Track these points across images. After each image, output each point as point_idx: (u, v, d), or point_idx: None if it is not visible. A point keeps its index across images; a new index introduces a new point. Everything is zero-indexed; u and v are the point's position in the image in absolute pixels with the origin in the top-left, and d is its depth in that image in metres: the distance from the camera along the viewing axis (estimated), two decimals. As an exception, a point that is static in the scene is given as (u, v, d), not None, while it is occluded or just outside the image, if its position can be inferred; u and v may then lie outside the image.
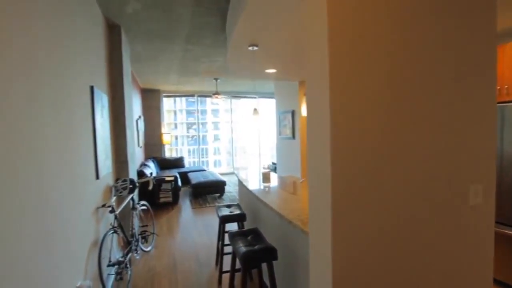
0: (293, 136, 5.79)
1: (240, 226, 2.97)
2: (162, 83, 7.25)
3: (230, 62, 3.83)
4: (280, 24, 2.53)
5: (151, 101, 8.04)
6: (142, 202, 3.53)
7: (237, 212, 2.88)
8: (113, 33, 3.40)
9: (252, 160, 16.68)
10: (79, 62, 2.19)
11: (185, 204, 5.77)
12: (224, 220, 2.77)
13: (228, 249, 2.97)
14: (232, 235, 2.25)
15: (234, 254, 2.26)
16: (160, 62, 5.08)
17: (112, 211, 2.60)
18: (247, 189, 2.54)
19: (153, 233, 3.61)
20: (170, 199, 5.41)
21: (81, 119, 2.17)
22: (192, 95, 9.00)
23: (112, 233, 2.59)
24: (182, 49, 4.36)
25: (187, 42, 4.02)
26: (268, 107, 10.70)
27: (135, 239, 3.04)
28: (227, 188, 6.68)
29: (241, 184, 3.67)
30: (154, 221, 3.88)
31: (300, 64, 4.10)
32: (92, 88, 2.47)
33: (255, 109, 3.45)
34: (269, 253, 1.90)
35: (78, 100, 2.12)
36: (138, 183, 3.32)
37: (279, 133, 6.44)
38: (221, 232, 2.81)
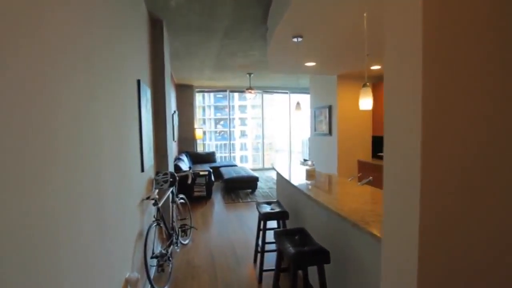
0: (330, 132, 5.57)
1: (280, 224, 2.88)
2: (196, 79, 7.33)
3: (271, 55, 3.72)
4: (327, 14, 2.38)
5: (185, 96, 8.17)
6: (181, 196, 3.56)
7: (279, 209, 2.79)
8: (155, 27, 3.43)
9: (281, 156, 16.52)
10: (129, 56, 2.20)
11: (218, 199, 5.79)
12: (265, 217, 2.69)
13: (268, 247, 2.89)
14: (278, 234, 2.16)
15: (279, 254, 2.17)
16: (196, 57, 5.10)
17: (156, 203, 2.62)
18: (294, 186, 2.44)
19: (192, 227, 3.63)
20: (204, 193, 5.46)
21: (130, 113, 2.18)
22: (224, 90, 9.03)
23: (156, 225, 2.61)
24: (219, 44, 4.32)
25: (225, 36, 3.97)
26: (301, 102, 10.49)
27: (176, 232, 3.06)
28: (258, 184, 6.63)
29: (281, 180, 3.57)
30: (192, 215, 3.90)
31: (341, 57, 3.90)
32: (139, 82, 2.49)
33: (298, 103, 3.32)
34: (321, 255, 1.79)
35: (128, 94, 2.13)
36: (178, 176, 3.34)
37: (314, 129, 6.25)
38: (263, 229, 2.74)
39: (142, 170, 2.53)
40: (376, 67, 4.59)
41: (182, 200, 3.55)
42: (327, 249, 1.80)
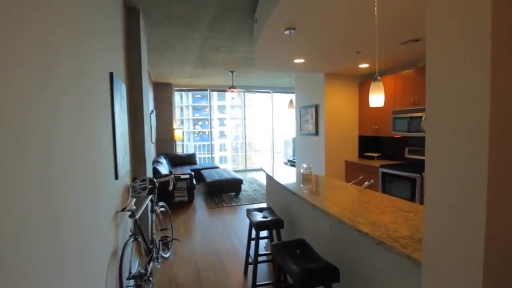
0: (317, 132, 5.42)
1: (273, 233, 2.64)
2: (175, 76, 6.92)
3: (259, 49, 3.47)
4: (321, 4, 2.18)
5: (163, 95, 7.72)
6: (161, 204, 3.21)
7: (272, 217, 2.54)
8: (131, 17, 3.06)
9: (262, 156, 16.34)
10: (98, 43, 1.86)
11: (200, 204, 5.45)
12: (258, 227, 2.43)
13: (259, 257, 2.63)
14: (277, 248, 1.91)
15: (279, 269, 1.92)
16: (177, 52, 4.73)
17: (132, 215, 2.28)
18: (292, 193, 2.19)
19: (175, 239, 3.29)
20: (185, 198, 5.10)
21: (100, 110, 1.84)
22: (205, 89, 8.66)
23: (133, 240, 2.27)
24: (202, 37, 4.01)
25: (209, 28, 3.67)
26: (283, 102, 10.33)
27: (156, 246, 2.72)
28: (242, 186, 6.35)
29: (272, 184, 3.32)
30: (173, 224, 3.56)
31: (331, 54, 3.73)
32: (111, 75, 2.14)
33: (291, 101, 3.09)
34: (330, 273, 1.56)
35: (98, 88, 1.79)
36: (158, 182, 2.99)
37: (300, 128, 6.07)
38: (256, 239, 2.47)
39: (116, 178, 2.19)
40: (364, 65, 4.48)
41: (162, 209, 3.20)
42: (335, 266, 1.58)
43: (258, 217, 2.61)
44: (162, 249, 2.97)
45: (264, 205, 5.21)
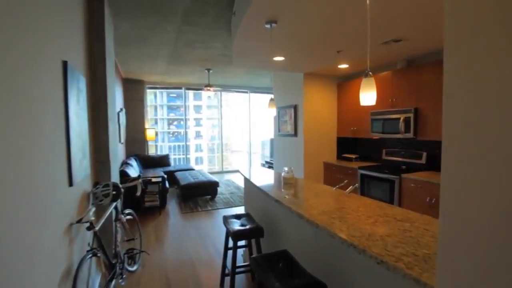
0: (295, 133, 5.30)
1: (252, 242, 2.44)
2: (148, 73, 6.51)
3: (238, 45, 3.25)
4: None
5: (134, 92, 7.26)
6: (128, 211, 2.89)
7: (251, 225, 2.33)
8: (93, 1, 2.73)
9: (239, 157, 16.13)
10: (47, 24, 1.55)
11: (174, 208, 5.13)
12: (236, 236, 2.22)
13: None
14: (258, 262, 1.70)
15: (260, 286, 1.72)
16: (148, 46, 4.39)
17: (91, 227, 1.97)
18: (274, 200, 2.00)
19: (142, 251, 2.97)
20: (157, 203, 4.75)
21: (46, 104, 1.53)
22: (179, 88, 8.28)
23: (91, 257, 1.96)
24: (176, 30, 3.72)
25: (183, 20, 3.40)
26: (261, 102, 10.19)
27: (119, 260, 2.42)
28: (218, 189, 6.09)
29: (251, 188, 3.12)
30: (142, 233, 3.24)
31: (312, 52, 3.60)
32: (65, 64, 1.83)
33: (271, 99, 2.89)
34: (318, 293, 1.39)
35: (43, 77, 1.49)
36: (124, 188, 2.68)
37: (278, 129, 5.93)
38: (233, 250, 2.25)
39: (71, 184, 1.87)
40: (343, 66, 4.41)
41: (129, 216, 2.89)
42: (323, 282, 1.40)
43: (236, 225, 2.39)
44: (127, 263, 2.66)
45: (241, 209, 4.99)
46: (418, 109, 3.73)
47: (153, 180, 4.73)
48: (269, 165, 8.13)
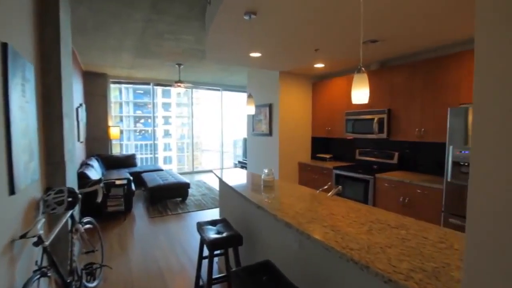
0: (270, 133, 5.17)
1: (228, 251, 2.25)
2: (111, 66, 6.00)
3: (213, 37, 3.03)
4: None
5: (96, 87, 6.67)
6: (86, 219, 2.55)
7: (229, 232, 2.14)
8: (44, -23, 2.36)
9: (210, 157, 15.76)
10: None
11: (140, 213, 4.75)
12: (214, 246, 2.01)
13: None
14: (239, 276, 1.52)
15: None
16: (112, 35, 4.00)
17: (39, 242, 1.66)
18: (257, 206, 1.83)
19: (103, 266, 2.64)
20: (121, 207, 4.36)
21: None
22: (147, 83, 7.79)
23: (39, 277, 1.65)
24: (143, 19, 3.40)
25: (152, 8, 3.10)
26: (233, 100, 9.98)
27: (76, 278, 2.10)
28: (189, 191, 5.80)
29: (226, 191, 2.91)
30: (103, 243, 2.90)
31: (290, 50, 3.48)
32: (4, 46, 1.50)
33: (249, 95, 2.70)
34: (310, 312, 1.24)
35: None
36: (81, 193, 2.34)
37: (252, 128, 5.77)
38: (209, 260, 2.04)
39: (12, 192, 1.55)
40: (319, 65, 4.37)
41: (88, 225, 2.55)
42: (314, 298, 1.26)
43: (211, 232, 2.18)
44: (86, 279, 2.33)
45: (215, 211, 4.77)
46: (391, 110, 3.78)
47: (117, 182, 4.33)
48: (242, 165, 7.96)
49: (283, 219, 1.46)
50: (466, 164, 2.75)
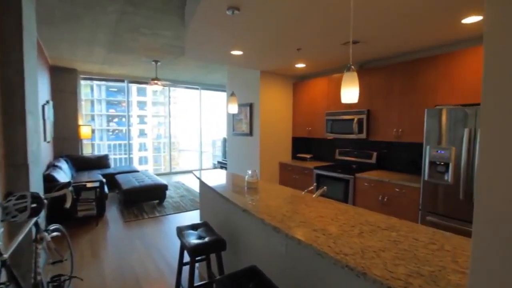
0: (251, 133, 5.10)
1: (211, 257, 2.15)
2: (82, 61, 5.64)
3: (193, 32, 2.90)
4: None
5: (65, 83, 6.25)
6: (53, 227, 2.34)
7: (211, 237, 2.04)
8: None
9: (188, 157, 15.44)
10: None
11: (115, 217, 4.50)
12: (195, 252, 1.90)
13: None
14: (224, 284, 1.43)
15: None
16: (83, 27, 3.73)
17: (-3, 255, 1.47)
18: (242, 209, 1.74)
19: (73, 277, 2.43)
20: (93, 212, 4.09)
21: None
22: (122, 80, 7.43)
23: (-4, 295, 1.46)
24: (117, 11, 3.20)
25: (127, 0, 2.92)
26: (212, 100, 9.81)
27: (41, 291, 1.90)
28: (167, 192, 5.59)
29: (208, 193, 2.80)
30: (73, 252, 2.68)
31: (272, 48, 3.43)
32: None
33: (232, 93, 2.60)
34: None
35: None
36: (47, 198, 2.13)
37: (233, 128, 5.67)
38: (190, 266, 1.93)
39: (-37, 199, 1.36)
40: (300, 65, 4.36)
41: (56, 233, 2.33)
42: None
43: (192, 237, 2.07)
44: (53, 293, 2.13)
45: (194, 214, 4.62)
46: (371, 111, 3.85)
47: (88, 185, 4.07)
48: (222, 165, 7.83)
49: (270, 223, 1.39)
50: (442, 163, 2.84)
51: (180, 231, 2.17)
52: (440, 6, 2.24)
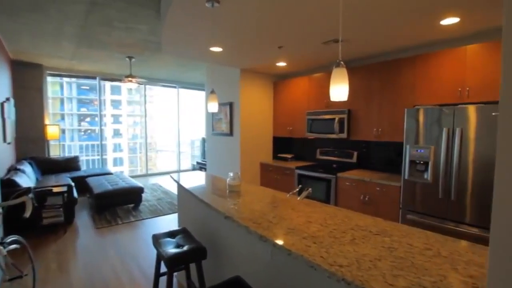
0: (231, 133, 4.97)
1: (189, 267, 2.01)
2: (48, 55, 5.23)
3: (170, 26, 2.73)
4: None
5: (28, 79, 5.78)
6: (11, 238, 2.09)
7: (190, 245, 1.89)
8: None
9: (165, 158, 15.01)
10: None
11: (85, 223, 4.19)
12: (173, 262, 1.75)
13: None
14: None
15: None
16: (48, 18, 3.42)
17: None
18: (225, 216, 1.61)
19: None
20: (60, 219, 3.78)
21: None
22: (93, 77, 7.01)
23: None
24: (88, 1, 2.95)
25: (97, -12, 2.69)
26: (190, 99, 9.55)
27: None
28: (143, 196, 5.32)
29: (187, 197, 2.64)
30: (36, 265, 2.42)
31: (253, 45, 3.33)
32: None
33: (212, 91, 2.45)
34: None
35: None
36: (4, 207, 1.89)
37: (212, 128, 5.50)
38: (168, 277, 1.78)
39: None
40: (281, 64, 4.29)
41: (14, 245, 2.09)
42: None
43: (170, 246, 1.92)
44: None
45: (173, 217, 4.41)
46: (351, 110, 3.85)
47: (55, 190, 3.75)
48: (201, 166, 7.62)
49: (257, 232, 1.28)
50: (421, 162, 2.87)
51: (156, 240, 2.01)
52: (420, 8, 2.24)
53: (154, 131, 16.52)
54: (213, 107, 2.41)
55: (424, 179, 2.85)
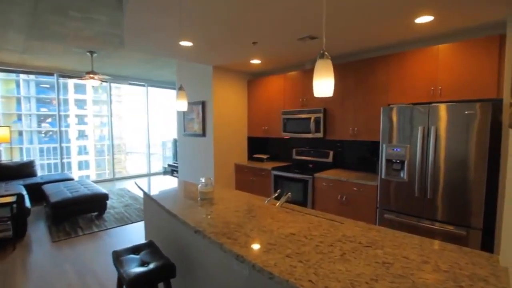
0: (204, 133, 4.72)
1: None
2: (-6, 49, 4.65)
3: (132, 17, 2.44)
4: None
5: (-29, 75, 5.12)
6: None
7: (157, 262, 1.66)
8: None
9: (135, 160, 14.29)
10: None
11: (40, 237, 3.74)
12: (136, 285, 1.51)
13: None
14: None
15: None
16: (-13, 5, 2.98)
17: None
18: (195, 230, 1.40)
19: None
20: (9, 233, 3.32)
21: None
22: (50, 74, 6.39)
23: None
24: (33, -15, 2.58)
25: (44, -30, 2.35)
26: (161, 98, 9.11)
27: None
28: (108, 202, 4.91)
29: (153, 205, 2.38)
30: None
31: (225, 41, 3.13)
32: None
33: (181, 87, 2.21)
34: None
35: None
36: None
37: (184, 129, 5.21)
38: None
39: None
40: (256, 61, 4.13)
41: None
42: None
43: (133, 265, 1.67)
44: None
45: (140, 226, 4.07)
46: (327, 109, 3.78)
47: (2, 201, 3.29)
48: (173, 168, 7.26)
49: (232, 250, 1.10)
50: (397, 161, 2.85)
51: (117, 257, 1.75)
52: (395, 5, 2.18)
53: (124, 132, 15.69)
54: (182, 105, 2.18)
55: (401, 178, 2.82)
